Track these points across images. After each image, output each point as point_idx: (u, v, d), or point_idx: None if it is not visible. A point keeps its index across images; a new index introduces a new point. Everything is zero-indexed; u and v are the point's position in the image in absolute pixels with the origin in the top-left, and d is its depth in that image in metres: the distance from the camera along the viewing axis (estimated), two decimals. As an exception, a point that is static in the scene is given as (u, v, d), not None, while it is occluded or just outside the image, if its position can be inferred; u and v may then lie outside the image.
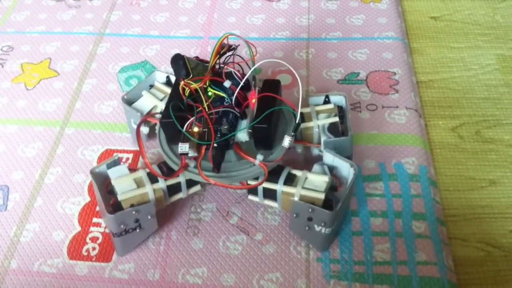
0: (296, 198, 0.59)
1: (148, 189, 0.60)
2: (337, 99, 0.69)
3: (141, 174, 0.61)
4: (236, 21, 0.93)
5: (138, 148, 0.73)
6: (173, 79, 0.72)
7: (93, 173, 0.61)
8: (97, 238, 0.65)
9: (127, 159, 0.73)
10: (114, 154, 0.68)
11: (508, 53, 0.86)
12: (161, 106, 0.69)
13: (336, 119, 0.66)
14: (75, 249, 0.64)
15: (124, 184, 0.60)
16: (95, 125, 0.78)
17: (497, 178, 0.70)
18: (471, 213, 0.67)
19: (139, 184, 0.61)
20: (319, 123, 0.65)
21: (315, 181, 0.60)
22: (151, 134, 0.73)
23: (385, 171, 0.70)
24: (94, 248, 0.64)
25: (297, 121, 0.60)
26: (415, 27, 0.91)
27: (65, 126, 0.78)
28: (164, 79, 0.74)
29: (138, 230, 0.61)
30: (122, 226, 0.59)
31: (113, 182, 0.61)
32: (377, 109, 0.77)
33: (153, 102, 0.71)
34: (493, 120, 0.77)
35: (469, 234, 0.65)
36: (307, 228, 0.60)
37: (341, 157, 0.61)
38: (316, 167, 0.62)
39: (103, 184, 0.62)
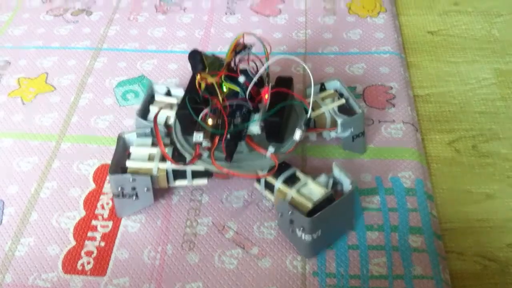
0: (287, 199, 0.60)
1: (154, 166, 0.64)
2: (332, 84, 0.73)
3: (156, 151, 0.66)
4: (234, 36, 0.92)
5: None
6: (172, 91, 0.75)
7: (120, 137, 0.68)
8: (92, 252, 0.65)
9: (123, 173, 0.73)
10: (146, 129, 0.70)
11: (505, 67, 0.86)
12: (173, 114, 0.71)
13: (343, 101, 0.70)
14: (70, 263, 0.64)
15: (139, 154, 0.66)
16: (91, 139, 0.78)
17: (494, 191, 0.70)
18: (468, 226, 0.66)
19: (150, 158, 0.65)
20: (329, 108, 0.69)
21: (313, 189, 0.61)
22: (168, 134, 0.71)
23: (382, 185, 0.69)
24: (89, 262, 0.64)
25: (308, 116, 0.63)
26: (412, 42, 0.91)
27: (61, 140, 0.78)
28: (164, 91, 0.75)
29: (134, 198, 0.65)
30: (119, 189, 0.64)
31: (131, 149, 0.67)
32: (373, 123, 0.77)
33: (166, 113, 0.72)
34: (490, 134, 0.77)
35: (465, 247, 0.64)
36: (291, 231, 0.61)
37: (346, 173, 0.63)
38: (322, 177, 0.63)
39: (126, 149, 0.68)
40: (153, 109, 0.72)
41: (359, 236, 0.64)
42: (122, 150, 0.68)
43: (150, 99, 0.75)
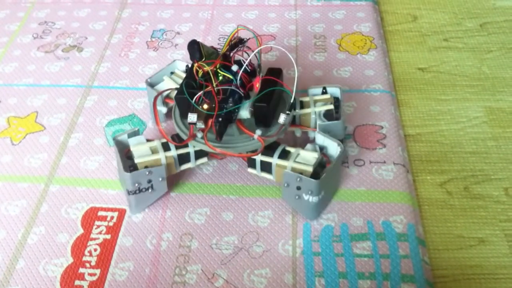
0: (287, 170, 0.66)
1: (161, 156, 0.69)
2: (333, 90, 0.77)
3: (156, 143, 0.71)
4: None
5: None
6: None
7: (115, 140, 0.71)
8: (79, 303, 0.64)
9: (112, 217, 0.72)
10: (134, 128, 0.74)
11: (496, 105, 0.86)
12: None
13: (331, 106, 0.74)
14: (56, 315, 0.63)
15: (141, 150, 0.70)
16: (80, 181, 0.77)
17: (486, 236, 0.69)
18: (461, 273, 0.66)
19: (153, 151, 0.70)
20: (316, 110, 0.74)
21: (306, 157, 0.68)
22: (169, 114, 0.80)
23: (373, 230, 0.69)
24: (75, 313, 0.63)
25: (291, 101, 0.70)
26: (402, 79, 0.92)
27: (50, 183, 0.77)
28: (184, 68, 0.82)
29: (150, 191, 0.70)
30: (136, 185, 0.69)
31: (132, 149, 0.71)
32: (364, 164, 0.77)
33: (173, 86, 0.79)
34: (481, 175, 0.76)
35: (458, 296, 0.64)
36: (297, 197, 0.68)
37: (330, 137, 0.70)
38: (308, 146, 0.70)
39: (123, 151, 0.71)
40: (166, 80, 0.81)
41: (350, 285, 0.64)
42: (122, 152, 0.72)
43: (168, 72, 0.82)
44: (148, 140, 0.72)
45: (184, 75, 0.80)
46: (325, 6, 1.06)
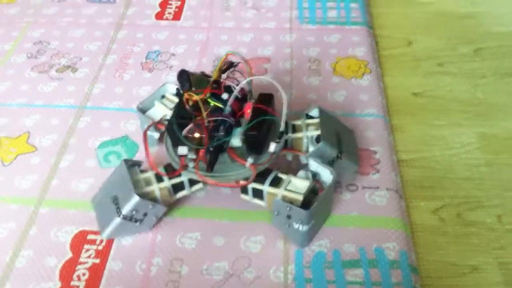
0: (278, 198, 0.66)
1: (155, 187, 0.70)
2: (315, 111, 0.76)
3: (150, 174, 0.71)
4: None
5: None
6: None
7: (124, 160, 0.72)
8: (66, 329, 0.63)
9: (101, 241, 0.72)
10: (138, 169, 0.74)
11: (489, 131, 0.86)
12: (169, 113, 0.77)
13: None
14: None
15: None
16: (71, 204, 0.76)
17: (479, 264, 0.69)
18: (454, 302, 0.65)
19: (147, 183, 0.70)
20: (308, 134, 0.73)
21: (297, 185, 0.68)
22: (161, 139, 0.78)
23: (366, 257, 0.68)
24: None
25: (280, 130, 0.69)
26: (396, 103, 0.91)
27: (40, 205, 0.76)
28: (174, 91, 0.82)
29: (138, 224, 0.70)
30: (133, 212, 0.68)
31: None
32: (357, 189, 0.76)
33: (164, 111, 0.79)
34: (474, 201, 0.76)
35: (451, 326, 0.63)
36: (287, 226, 0.67)
37: (323, 165, 0.69)
38: (300, 173, 0.70)
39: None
40: (157, 105, 0.80)
41: (341, 313, 0.63)
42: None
43: (158, 96, 0.82)
44: (142, 171, 0.72)
45: (174, 98, 0.81)
46: (320, 30, 1.06)
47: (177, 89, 0.81)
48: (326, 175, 0.69)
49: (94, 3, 1.17)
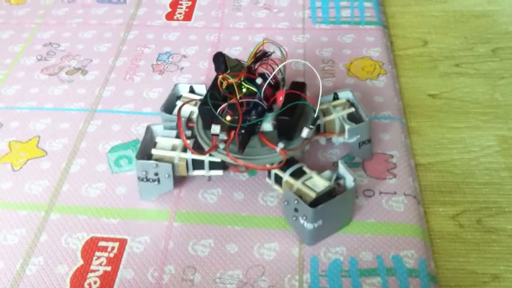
0: (293, 190, 0.67)
1: (176, 155, 0.72)
2: (344, 94, 0.79)
3: (179, 142, 0.73)
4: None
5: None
6: (195, 88, 0.84)
7: (148, 127, 0.76)
8: None
9: (112, 248, 0.70)
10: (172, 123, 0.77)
11: (509, 134, 0.83)
12: (196, 110, 0.77)
13: (352, 109, 0.76)
14: None
15: (164, 144, 0.74)
16: (82, 210, 0.75)
17: (500, 272, 0.67)
18: (474, 313, 0.63)
19: (173, 148, 0.73)
20: (339, 115, 0.75)
21: (316, 182, 0.68)
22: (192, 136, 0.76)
23: (383, 265, 0.66)
24: None
25: (315, 116, 0.70)
26: (412, 105, 0.89)
27: (51, 211, 0.75)
28: (187, 90, 0.83)
29: (156, 183, 0.72)
30: (144, 173, 0.72)
31: (157, 139, 0.75)
32: (374, 195, 0.74)
33: (190, 108, 0.79)
34: (495, 207, 0.74)
35: (472, 338, 0.61)
36: (294, 218, 0.67)
37: (350, 171, 0.68)
38: (326, 172, 0.69)
39: (151, 139, 0.76)
40: (179, 104, 0.79)
41: (359, 324, 0.61)
42: (150, 140, 0.75)
43: (174, 97, 0.83)
44: (177, 137, 0.74)
45: (192, 96, 0.82)
46: (334, 30, 1.04)
47: (190, 86, 0.83)
48: (349, 181, 0.68)
49: (104, 3, 1.16)
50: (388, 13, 1.10)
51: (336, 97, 0.80)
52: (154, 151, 0.73)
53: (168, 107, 0.80)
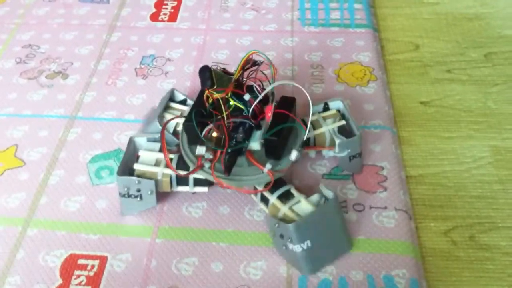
0: (279, 214, 0.65)
1: (159, 170, 0.69)
2: (335, 104, 0.77)
3: (163, 157, 0.70)
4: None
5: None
6: (189, 101, 0.81)
7: (131, 140, 0.73)
8: None
9: (93, 266, 0.67)
10: (156, 134, 0.74)
11: (502, 145, 0.81)
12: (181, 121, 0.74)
13: (343, 122, 0.74)
14: None
15: (147, 158, 0.71)
16: (60, 225, 0.72)
17: (494, 293, 0.65)
18: (467, 336, 0.61)
19: (157, 163, 0.70)
20: (329, 128, 0.73)
21: (304, 208, 0.65)
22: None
23: (374, 285, 0.64)
24: None
25: (304, 138, 0.69)
26: (403, 114, 0.87)
27: (28, 226, 0.72)
28: (180, 99, 0.81)
29: (138, 199, 0.69)
30: (126, 189, 0.69)
31: (140, 152, 0.72)
32: (364, 209, 0.72)
33: (176, 120, 0.76)
34: (488, 223, 0.72)
35: None
36: (284, 247, 0.65)
37: (327, 188, 0.66)
38: (315, 197, 0.67)
39: (135, 152, 0.73)
40: (165, 116, 0.78)
41: None
42: (132, 153, 0.73)
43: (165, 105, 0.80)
44: (161, 151, 0.71)
45: (180, 106, 0.80)
46: (323, 33, 1.01)
47: (185, 96, 0.81)
48: (329, 197, 0.66)
49: (86, 3, 1.12)
50: (379, 15, 1.08)
51: (326, 107, 0.77)
52: (136, 166, 0.70)
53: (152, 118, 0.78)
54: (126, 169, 0.70)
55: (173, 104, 0.80)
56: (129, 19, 1.07)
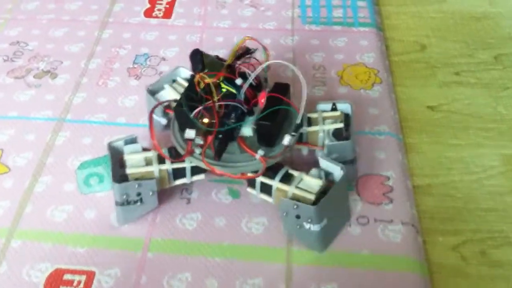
0: (289, 196, 0.63)
1: (155, 168, 0.66)
2: (344, 106, 0.72)
3: (152, 154, 0.67)
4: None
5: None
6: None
7: (110, 146, 0.68)
8: None
9: (79, 282, 0.63)
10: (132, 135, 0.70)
11: (513, 153, 0.77)
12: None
13: (341, 125, 0.69)
14: None
15: (135, 160, 0.67)
16: (46, 236, 0.68)
17: (507, 313, 0.61)
18: None
19: (148, 162, 0.67)
20: (324, 128, 0.69)
21: (309, 183, 0.64)
22: (168, 125, 0.72)
23: (379, 306, 0.60)
24: None
25: (297, 122, 0.66)
26: (409, 119, 0.83)
27: (12, 237, 0.68)
28: (186, 76, 0.77)
29: (139, 204, 0.66)
30: (124, 197, 0.65)
31: (125, 157, 0.67)
32: (368, 222, 0.68)
33: (174, 95, 0.73)
34: (500, 237, 0.68)
35: None
36: (298, 227, 0.63)
37: (333, 162, 0.65)
38: (313, 171, 0.65)
39: (118, 157, 0.68)
40: (167, 89, 0.75)
41: None
42: (116, 159, 0.68)
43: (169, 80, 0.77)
44: (144, 149, 0.68)
45: (186, 84, 0.75)
46: (325, 32, 0.97)
47: (191, 75, 0.75)
48: (337, 172, 0.65)
49: (78, -3, 1.07)
50: (383, 13, 1.03)
51: (334, 108, 0.73)
52: (129, 170, 0.66)
53: (157, 88, 0.76)
54: (118, 176, 0.66)
55: (179, 80, 0.77)
56: (121, 15, 1.03)
